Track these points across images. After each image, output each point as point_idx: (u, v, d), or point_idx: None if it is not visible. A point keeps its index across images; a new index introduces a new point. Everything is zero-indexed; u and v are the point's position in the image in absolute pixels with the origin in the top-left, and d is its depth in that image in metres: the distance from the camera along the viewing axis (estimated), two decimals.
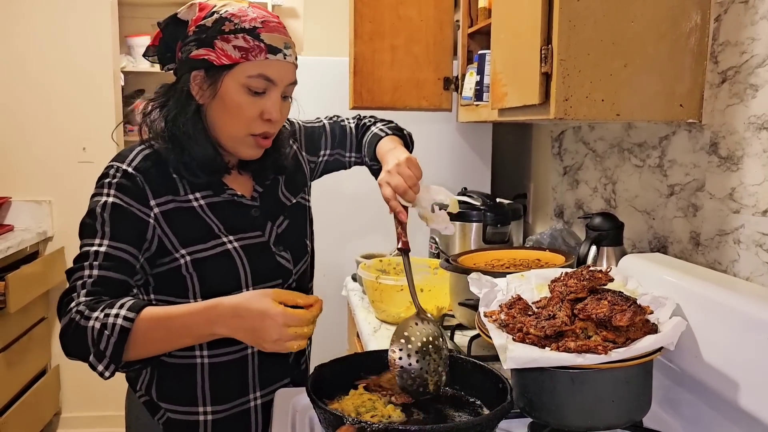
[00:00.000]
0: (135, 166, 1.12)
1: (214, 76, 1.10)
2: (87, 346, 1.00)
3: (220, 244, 1.15)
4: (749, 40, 1.20)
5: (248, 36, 1.09)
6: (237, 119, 1.12)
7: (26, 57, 2.96)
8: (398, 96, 2.01)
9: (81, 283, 1.04)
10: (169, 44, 1.17)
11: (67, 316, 1.02)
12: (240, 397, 1.21)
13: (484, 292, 1.09)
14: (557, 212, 2.09)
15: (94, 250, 1.06)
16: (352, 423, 0.83)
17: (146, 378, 1.20)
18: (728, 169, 1.27)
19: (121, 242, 1.08)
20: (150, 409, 1.21)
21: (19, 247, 2.74)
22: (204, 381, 1.18)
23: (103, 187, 1.11)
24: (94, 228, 1.08)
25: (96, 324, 0.99)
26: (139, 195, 1.11)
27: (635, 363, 0.89)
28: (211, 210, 1.17)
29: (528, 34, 1.31)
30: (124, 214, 1.09)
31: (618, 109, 1.27)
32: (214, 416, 1.19)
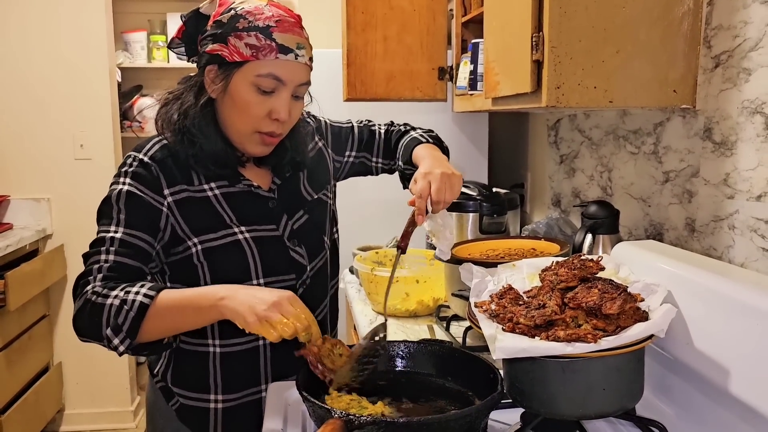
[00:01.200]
0: (151, 155, 1.15)
1: (225, 71, 1.11)
2: (101, 323, 1.02)
3: (231, 234, 1.16)
4: (742, 23, 1.19)
5: (260, 34, 1.09)
6: (244, 116, 1.13)
7: (21, 54, 2.95)
8: (392, 87, 2.00)
9: (97, 267, 1.07)
10: (192, 37, 1.17)
11: (82, 298, 1.05)
12: (251, 387, 1.21)
13: (475, 283, 1.08)
14: (554, 201, 2.08)
15: (110, 236, 1.09)
16: (340, 416, 0.82)
17: (163, 363, 1.24)
18: (722, 155, 1.25)
19: (136, 230, 1.10)
20: (165, 395, 1.24)
21: (19, 245, 2.75)
22: (216, 369, 1.19)
23: (120, 176, 1.14)
24: (110, 215, 1.11)
25: (115, 301, 1.02)
26: (153, 184, 1.13)
27: (626, 351, 0.88)
28: (226, 200, 1.18)
29: (519, 21, 1.30)
30: (138, 202, 1.12)
31: (611, 96, 1.26)
32: (224, 404, 1.20)
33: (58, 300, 3.11)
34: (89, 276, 1.07)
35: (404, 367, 1.11)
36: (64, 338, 3.12)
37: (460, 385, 1.06)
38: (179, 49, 1.20)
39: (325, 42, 2.88)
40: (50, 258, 2.96)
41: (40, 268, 2.83)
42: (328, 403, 0.96)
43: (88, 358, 3.12)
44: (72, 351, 3.13)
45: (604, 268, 0.99)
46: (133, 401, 3.25)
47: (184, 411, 1.22)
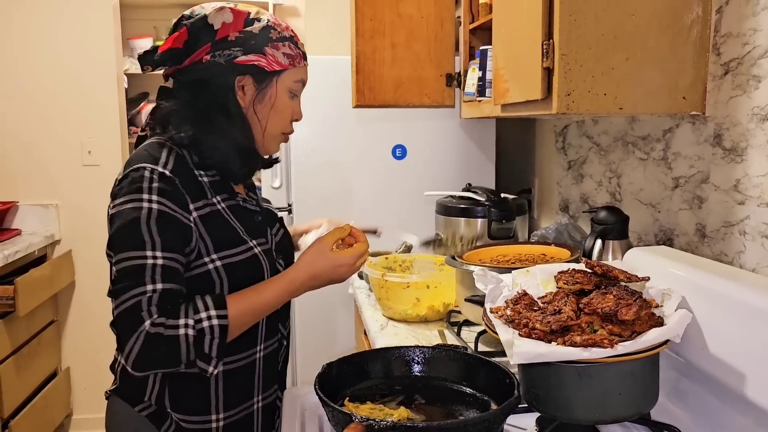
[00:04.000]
0: (171, 168, 1.08)
1: (264, 80, 1.15)
2: (179, 354, 1.01)
3: (249, 248, 1.15)
4: (751, 31, 1.20)
5: (291, 44, 1.17)
6: (282, 119, 1.19)
7: (29, 61, 2.97)
8: (400, 93, 2.02)
9: (147, 300, 1.00)
10: (192, 47, 1.13)
11: (141, 333, 0.99)
12: (247, 401, 1.21)
13: (490, 288, 1.09)
14: (562, 207, 2.09)
15: (150, 263, 1.02)
16: (361, 421, 0.83)
17: (156, 389, 1.15)
18: (732, 161, 1.26)
19: (173, 252, 1.05)
20: (155, 421, 1.15)
21: (27, 251, 2.76)
22: (218, 388, 1.16)
23: (142, 192, 1.05)
24: (140, 238, 1.03)
25: (189, 331, 1.01)
26: (180, 200, 1.08)
27: (641, 356, 0.89)
28: (232, 213, 1.16)
29: (529, 29, 1.31)
30: (171, 222, 1.06)
31: (620, 103, 1.27)
32: (225, 422, 1.18)
33: (66, 305, 3.12)
34: (140, 311, 1.00)
35: (420, 372, 1.12)
36: (72, 344, 3.13)
37: (476, 389, 1.07)
38: (157, 59, 1.16)
39: (332, 49, 2.90)
40: (58, 264, 2.97)
41: (49, 274, 2.84)
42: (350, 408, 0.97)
43: (96, 363, 3.13)
44: (80, 356, 3.14)
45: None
46: None
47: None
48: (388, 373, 1.11)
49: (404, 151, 2.37)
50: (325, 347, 2.41)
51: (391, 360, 1.12)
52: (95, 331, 3.13)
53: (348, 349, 2.36)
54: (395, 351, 1.13)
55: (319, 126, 2.33)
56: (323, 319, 2.42)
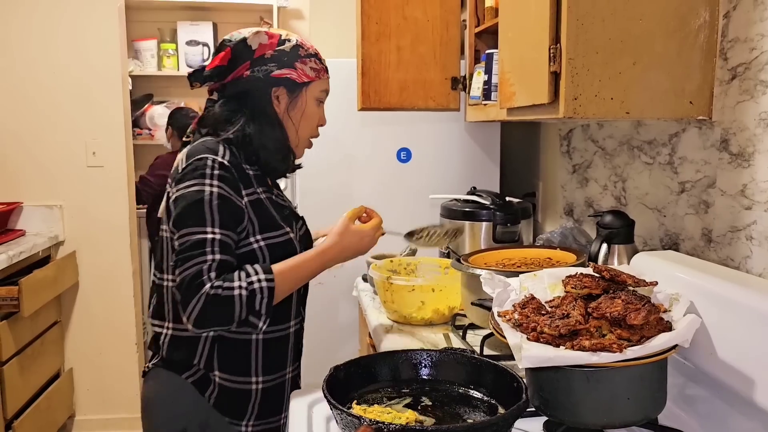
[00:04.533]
0: (228, 159, 1.27)
1: (296, 90, 1.37)
2: (233, 312, 1.19)
3: (285, 233, 1.34)
4: (759, 36, 1.20)
5: (316, 60, 1.39)
6: (311, 124, 1.41)
7: (33, 63, 2.98)
8: (405, 96, 2.02)
9: (207, 267, 1.19)
10: (234, 64, 1.34)
11: (202, 295, 1.17)
12: (281, 370, 1.38)
13: (497, 292, 1.09)
14: (567, 210, 2.09)
15: (210, 237, 1.21)
16: (370, 424, 0.84)
17: (206, 352, 1.31)
18: (739, 166, 1.27)
19: (228, 230, 1.23)
20: (200, 386, 1.30)
21: (32, 252, 2.76)
22: (258, 353, 1.33)
23: (205, 178, 1.24)
24: (202, 216, 1.22)
25: (242, 291, 1.19)
26: (235, 186, 1.27)
27: (650, 361, 0.89)
28: (270, 203, 1.35)
29: (536, 33, 1.31)
30: (228, 204, 1.25)
31: (627, 108, 1.27)
32: (263, 385, 1.34)
33: (70, 306, 3.12)
34: (202, 276, 1.18)
35: (428, 376, 1.12)
36: (76, 344, 3.13)
37: (483, 393, 1.07)
38: (205, 76, 1.36)
39: (337, 52, 2.91)
40: (63, 264, 2.98)
41: (53, 275, 2.84)
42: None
43: (98, 364, 3.14)
44: (83, 357, 3.15)
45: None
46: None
47: (223, 396, 1.31)
48: (396, 376, 1.11)
49: (409, 154, 2.38)
50: (329, 350, 2.41)
51: (398, 363, 1.12)
52: (99, 333, 3.13)
53: (352, 352, 2.36)
54: (403, 354, 1.13)
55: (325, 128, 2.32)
56: (327, 321, 2.42)
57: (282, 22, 3.80)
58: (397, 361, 1.12)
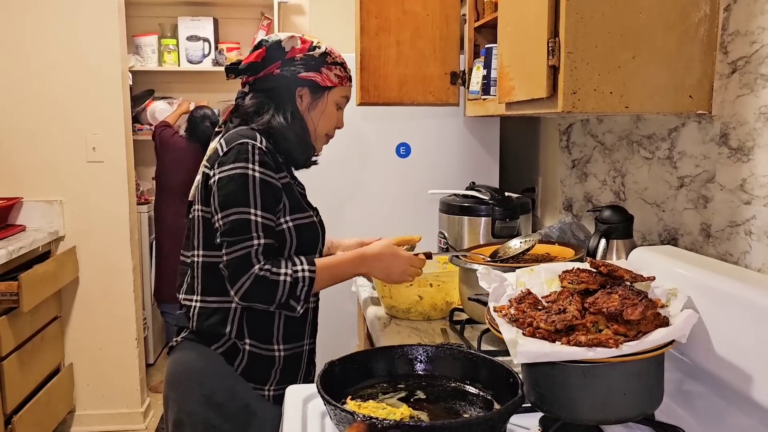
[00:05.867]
0: (265, 145, 1.38)
1: (318, 92, 1.49)
2: (276, 294, 1.31)
3: (309, 216, 1.45)
4: (759, 29, 1.19)
5: (341, 68, 1.51)
6: (327, 124, 1.52)
7: (34, 58, 2.97)
8: (405, 91, 2.01)
9: (254, 251, 1.31)
10: (267, 62, 1.46)
11: (251, 275, 1.30)
12: (300, 341, 1.49)
13: (494, 287, 1.08)
14: (566, 205, 2.08)
15: (254, 220, 1.32)
16: (363, 420, 0.83)
17: (236, 322, 1.41)
18: (739, 160, 1.26)
19: (269, 212, 1.35)
20: (229, 357, 1.41)
21: (31, 247, 2.76)
22: (280, 324, 1.44)
23: (248, 162, 1.34)
24: (246, 198, 1.33)
25: (287, 278, 1.32)
26: (273, 169, 1.38)
27: (647, 356, 0.89)
28: (296, 188, 1.47)
29: (535, 27, 1.30)
30: (270, 187, 1.36)
31: (627, 102, 1.26)
32: (285, 353, 1.45)
33: (70, 301, 3.13)
34: (251, 258, 1.31)
35: (424, 371, 1.12)
36: (76, 340, 3.13)
37: (479, 388, 1.07)
38: (239, 69, 1.48)
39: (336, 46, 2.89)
40: (63, 260, 2.97)
41: (53, 270, 2.84)
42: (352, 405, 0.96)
43: (98, 359, 3.14)
44: (83, 352, 3.15)
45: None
46: (143, 402, 3.26)
47: (251, 363, 1.42)
48: (392, 371, 1.11)
49: (408, 149, 2.37)
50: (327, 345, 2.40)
51: (394, 358, 1.12)
52: (99, 328, 3.13)
53: (350, 347, 2.36)
54: (398, 349, 1.13)
55: None
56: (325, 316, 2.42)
57: (283, 18, 3.79)
58: (393, 357, 1.11)
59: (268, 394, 1.44)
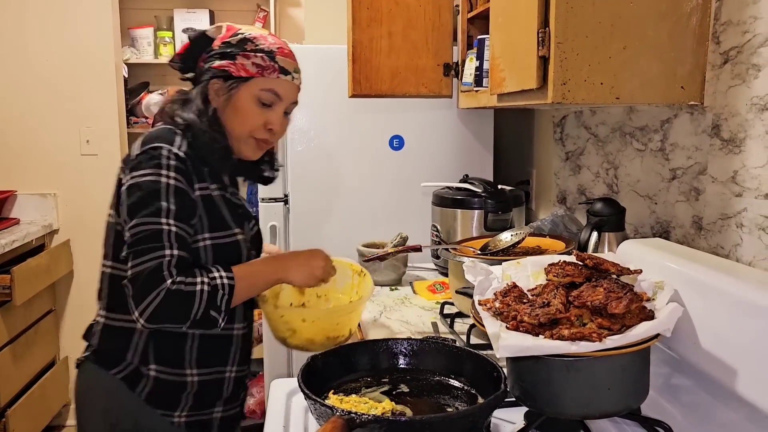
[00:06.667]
0: (184, 151, 1.23)
1: (231, 85, 1.28)
2: (191, 308, 1.14)
3: (233, 234, 1.29)
4: (751, 19, 1.17)
5: (266, 56, 1.28)
6: (244, 122, 1.29)
7: (29, 51, 2.95)
8: (397, 83, 1.99)
9: (167, 262, 1.15)
10: (193, 55, 1.33)
11: (162, 290, 1.12)
12: (219, 366, 1.32)
13: (479, 280, 1.07)
14: (560, 198, 2.07)
15: (167, 229, 1.16)
16: (342, 415, 0.82)
17: (140, 346, 1.27)
18: (730, 152, 1.24)
19: (183, 222, 1.20)
20: (130, 383, 1.26)
21: (25, 240, 2.75)
22: (193, 347, 1.28)
23: (161, 168, 1.19)
24: (158, 207, 1.17)
25: (204, 287, 1.16)
26: (189, 179, 1.23)
27: (631, 350, 0.87)
28: (223, 202, 1.30)
29: (525, 17, 1.29)
30: (184, 197, 1.21)
31: (617, 93, 1.24)
32: (200, 378, 1.29)
33: (65, 295, 3.12)
34: (162, 272, 1.13)
35: (408, 365, 1.11)
36: (70, 333, 3.13)
37: (463, 382, 1.06)
38: (177, 65, 1.35)
39: (330, 38, 2.87)
40: (56, 253, 2.97)
41: (47, 263, 2.83)
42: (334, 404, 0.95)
43: None
44: (78, 346, 3.11)
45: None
46: None
47: (157, 389, 1.26)
48: (376, 365, 1.10)
49: (402, 141, 2.35)
50: None
51: (378, 352, 1.10)
52: None
53: None
54: (382, 343, 1.12)
55: (317, 116, 2.31)
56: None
57: (279, 10, 3.77)
58: (377, 351, 1.10)
59: (179, 421, 1.28)
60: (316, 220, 2.33)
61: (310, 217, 2.33)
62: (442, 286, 1.90)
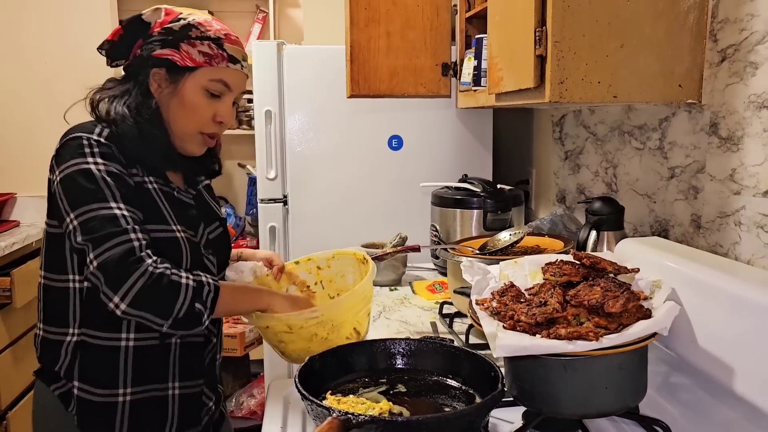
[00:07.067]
0: (105, 137, 1.13)
1: (175, 75, 1.17)
2: (176, 298, 1.04)
3: (171, 230, 1.17)
4: (748, 16, 1.17)
5: (213, 44, 1.17)
6: (192, 117, 1.19)
7: (27, 53, 2.96)
8: (395, 83, 1.99)
9: (138, 246, 1.05)
10: (127, 42, 1.22)
11: (147, 272, 1.03)
12: (158, 383, 1.19)
13: (477, 280, 1.07)
14: (559, 197, 2.06)
15: (120, 213, 1.06)
16: (338, 415, 0.82)
17: (67, 359, 1.17)
18: (728, 150, 1.24)
19: (133, 207, 1.10)
20: (64, 400, 1.17)
21: (25, 243, 2.75)
22: (127, 363, 1.16)
23: (86, 156, 1.09)
24: (101, 191, 1.06)
25: (190, 282, 1.06)
26: (121, 162, 1.12)
27: (628, 349, 0.87)
28: (164, 197, 1.19)
29: (522, 16, 1.28)
30: (120, 180, 1.10)
31: (615, 91, 1.24)
32: (132, 397, 1.16)
33: None
34: (138, 253, 1.04)
35: (405, 365, 1.10)
36: None
37: (461, 382, 1.05)
38: (105, 51, 1.25)
39: (328, 38, 2.87)
40: None
41: None
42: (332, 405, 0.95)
43: None
44: None
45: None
46: None
47: (86, 412, 1.16)
48: (373, 365, 1.10)
49: (401, 141, 2.35)
50: None
51: (375, 353, 1.10)
52: None
53: None
54: (380, 343, 1.11)
55: (316, 116, 2.31)
56: None
57: (278, 11, 3.77)
58: (375, 351, 1.10)
59: None
60: (316, 221, 2.33)
61: (309, 218, 2.33)
62: (442, 286, 1.90)
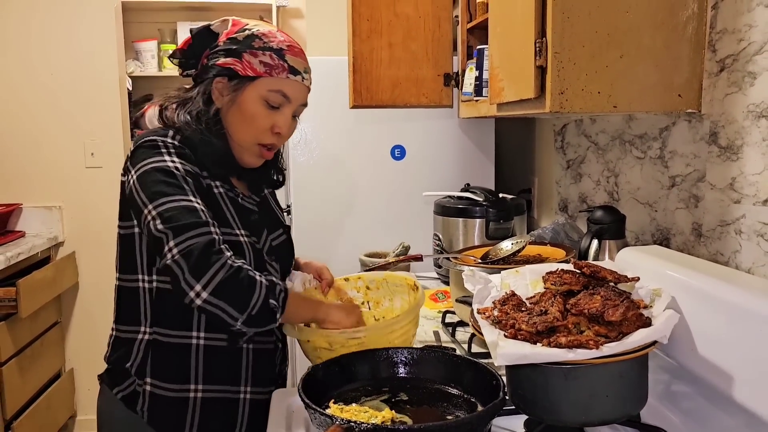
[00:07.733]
0: (179, 140, 1.17)
1: (236, 84, 1.19)
2: (252, 292, 1.06)
3: (234, 234, 1.19)
4: (746, 27, 1.18)
5: (275, 55, 1.19)
6: (250, 127, 1.20)
7: (33, 64, 2.99)
8: (398, 93, 2.00)
9: (219, 239, 1.08)
10: (195, 51, 1.24)
11: (227, 264, 1.05)
12: (230, 385, 1.22)
13: (478, 289, 1.08)
14: (561, 206, 2.07)
15: (199, 207, 1.09)
16: (341, 424, 0.82)
17: (139, 356, 1.20)
18: (728, 159, 1.24)
19: (208, 208, 1.13)
20: (130, 402, 1.20)
21: (30, 253, 2.78)
22: (199, 359, 1.19)
23: (162, 155, 1.13)
24: (179, 185, 1.10)
25: (263, 280, 1.09)
26: (194, 164, 1.16)
27: (628, 357, 0.88)
28: (229, 202, 1.22)
29: (522, 27, 1.30)
30: (197, 178, 1.15)
31: (615, 101, 1.25)
32: (204, 395, 1.20)
33: (70, 307, 3.14)
34: (219, 244, 1.07)
35: (407, 374, 1.11)
36: (76, 345, 3.15)
37: (463, 391, 1.06)
38: (177, 61, 1.28)
39: (331, 50, 2.90)
40: (62, 265, 2.99)
41: (52, 276, 2.86)
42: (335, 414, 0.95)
43: (99, 364, 3.13)
44: (84, 358, 3.16)
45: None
46: None
47: (157, 408, 1.19)
48: (376, 374, 1.10)
49: (403, 151, 2.36)
50: None
51: (378, 361, 1.11)
52: (99, 333, 3.13)
53: None
54: (383, 352, 1.12)
55: (319, 126, 2.33)
56: None
57: (282, 22, 3.80)
58: (377, 360, 1.11)
59: None
60: (319, 230, 2.34)
61: (312, 227, 2.34)
62: (444, 295, 1.90)
